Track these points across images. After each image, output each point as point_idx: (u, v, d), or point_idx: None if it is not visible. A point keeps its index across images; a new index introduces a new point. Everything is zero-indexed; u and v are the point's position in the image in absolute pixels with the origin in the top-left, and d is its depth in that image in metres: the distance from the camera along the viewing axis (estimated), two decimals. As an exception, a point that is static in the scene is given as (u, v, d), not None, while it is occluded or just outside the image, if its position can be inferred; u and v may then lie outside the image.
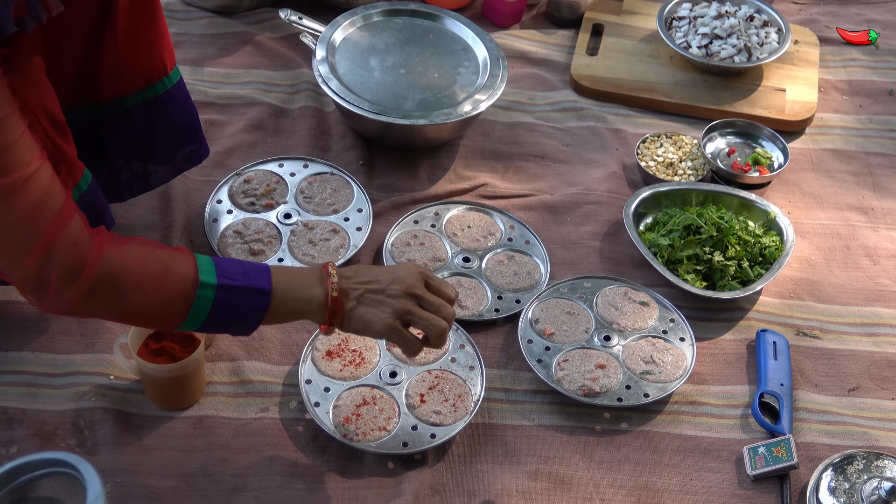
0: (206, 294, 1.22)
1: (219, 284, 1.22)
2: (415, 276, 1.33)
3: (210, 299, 1.22)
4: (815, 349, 1.63)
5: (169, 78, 1.54)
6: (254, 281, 1.25)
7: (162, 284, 1.21)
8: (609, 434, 1.49)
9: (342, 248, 1.67)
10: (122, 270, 1.18)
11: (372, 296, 1.30)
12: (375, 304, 1.30)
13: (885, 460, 1.43)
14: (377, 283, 1.31)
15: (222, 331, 1.30)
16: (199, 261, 1.23)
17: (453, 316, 1.34)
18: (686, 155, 1.89)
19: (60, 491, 1.14)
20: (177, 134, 1.59)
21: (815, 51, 2.17)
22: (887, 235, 1.83)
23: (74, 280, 1.15)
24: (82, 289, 1.16)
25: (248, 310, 1.25)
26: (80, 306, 1.18)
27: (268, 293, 1.25)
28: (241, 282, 1.24)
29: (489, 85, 1.86)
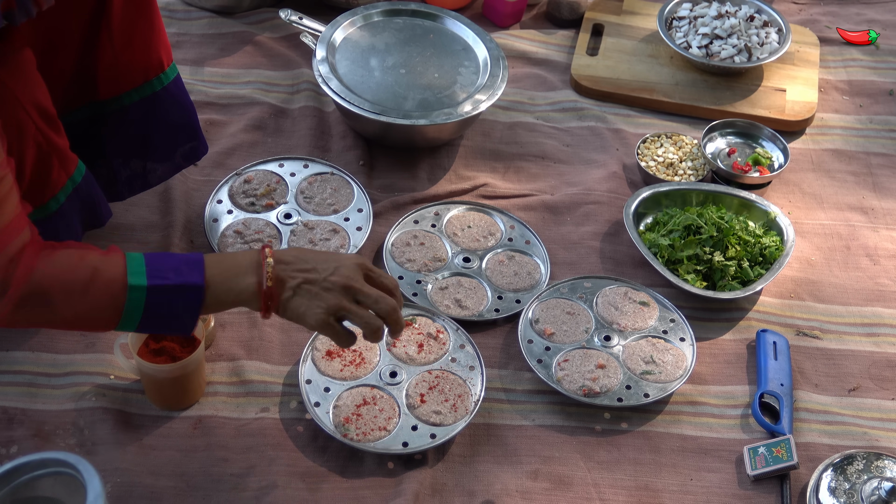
0: (137, 296, 1.20)
1: (149, 286, 1.20)
2: (353, 268, 1.29)
3: (141, 300, 1.20)
4: (816, 349, 1.62)
5: (166, 75, 1.53)
6: (186, 277, 1.22)
7: (90, 291, 1.19)
8: (609, 434, 1.48)
9: (342, 248, 1.67)
10: (48, 283, 1.18)
11: (308, 286, 1.26)
12: (311, 296, 1.26)
13: (885, 460, 1.43)
14: (315, 273, 1.27)
15: (161, 330, 1.30)
16: (129, 261, 1.21)
17: (393, 307, 1.30)
18: (686, 155, 1.89)
19: (60, 491, 1.14)
20: (175, 131, 1.59)
21: (815, 51, 2.17)
22: (887, 235, 1.83)
23: (3, 295, 1.16)
24: (11, 303, 1.16)
25: (182, 306, 1.23)
26: (13, 318, 1.19)
27: (201, 288, 1.22)
28: (172, 280, 1.21)
29: (489, 85, 1.86)
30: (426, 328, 1.56)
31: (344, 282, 1.27)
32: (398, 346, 1.53)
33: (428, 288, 1.63)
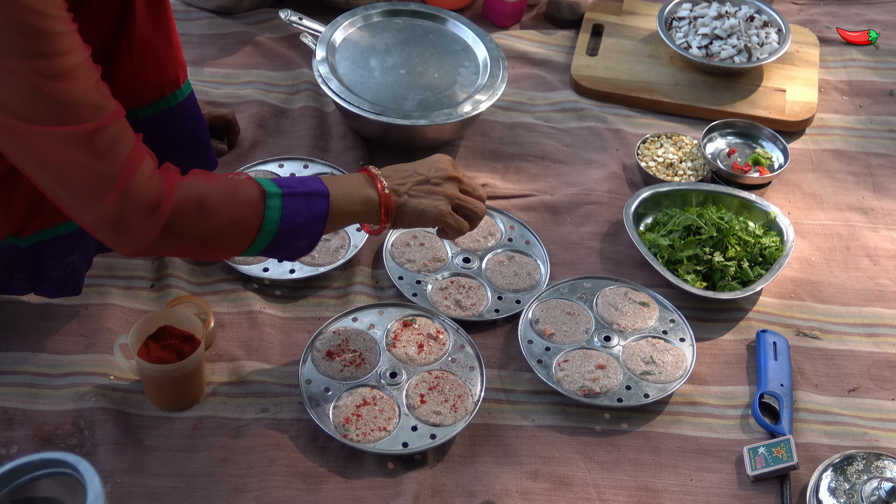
0: (275, 203, 1.26)
1: (283, 192, 1.27)
2: (447, 162, 1.43)
3: (278, 209, 1.26)
4: (815, 349, 1.62)
5: (181, 91, 1.56)
6: (312, 187, 1.30)
7: (234, 201, 1.24)
8: (609, 434, 1.48)
9: (342, 248, 1.67)
10: (196, 193, 1.22)
11: (420, 187, 1.39)
12: (425, 194, 1.39)
13: (885, 461, 1.43)
14: (419, 175, 1.40)
15: (285, 250, 1.31)
16: (258, 180, 1.28)
17: (485, 196, 1.47)
18: (686, 155, 1.90)
19: (60, 491, 1.14)
20: (185, 146, 1.60)
21: (815, 51, 2.17)
22: (887, 236, 1.83)
23: (155, 212, 1.18)
24: (163, 220, 1.18)
25: (312, 215, 1.29)
26: (161, 240, 1.20)
27: (327, 195, 1.30)
28: (300, 189, 1.29)
29: (489, 85, 1.86)
30: (426, 328, 1.56)
31: (449, 174, 1.42)
32: (398, 346, 1.53)
33: (428, 288, 1.63)
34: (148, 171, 1.19)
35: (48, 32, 1.07)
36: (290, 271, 1.63)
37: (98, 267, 1.59)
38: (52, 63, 1.08)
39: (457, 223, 1.42)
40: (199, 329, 1.42)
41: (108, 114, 1.15)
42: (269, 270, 1.63)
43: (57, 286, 1.45)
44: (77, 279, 1.47)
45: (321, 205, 1.30)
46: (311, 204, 1.29)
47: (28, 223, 1.36)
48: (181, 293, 1.59)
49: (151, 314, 1.43)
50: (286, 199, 1.27)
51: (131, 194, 1.16)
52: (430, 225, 1.41)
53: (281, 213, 1.26)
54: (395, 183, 1.38)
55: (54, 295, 1.46)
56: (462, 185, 1.44)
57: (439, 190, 1.40)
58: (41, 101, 1.09)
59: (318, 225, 1.30)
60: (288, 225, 1.27)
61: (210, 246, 1.28)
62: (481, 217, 1.45)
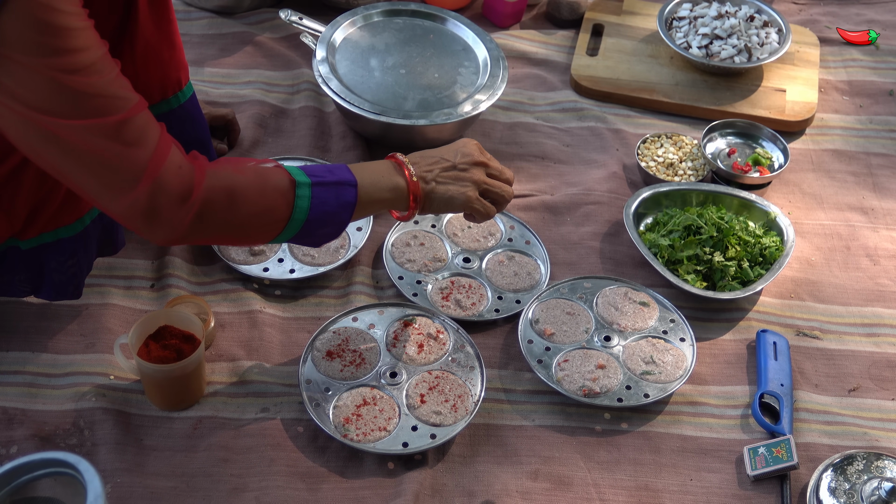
0: (304, 193, 1.27)
1: (312, 182, 1.28)
2: (474, 147, 1.44)
3: (308, 198, 1.27)
4: (816, 349, 1.62)
5: (183, 93, 1.56)
6: (340, 176, 1.31)
7: (264, 190, 1.25)
8: (609, 434, 1.48)
9: (342, 248, 1.67)
10: (227, 183, 1.22)
11: (447, 174, 1.40)
12: (453, 180, 1.40)
13: (885, 461, 1.43)
14: (446, 161, 1.41)
15: (311, 238, 1.32)
16: (287, 168, 1.29)
17: (512, 179, 1.47)
18: (686, 155, 1.89)
19: (60, 491, 1.14)
20: (186, 147, 1.60)
21: (815, 51, 2.17)
22: (887, 236, 1.83)
23: (186, 201, 1.19)
24: (195, 209, 1.19)
25: (340, 205, 1.30)
26: (193, 229, 1.21)
27: (355, 185, 1.32)
28: (329, 178, 1.30)
29: (489, 85, 1.86)
30: (426, 328, 1.56)
31: (475, 159, 1.43)
32: (398, 346, 1.53)
33: (428, 288, 1.63)
34: (178, 160, 1.19)
35: (66, 28, 1.08)
36: (290, 271, 1.63)
37: (98, 267, 1.59)
38: (72, 59, 1.09)
39: (484, 208, 1.43)
40: (199, 329, 1.42)
41: (132, 105, 1.16)
42: (269, 270, 1.63)
43: (57, 289, 1.45)
44: (77, 283, 1.47)
45: (349, 194, 1.31)
46: (340, 193, 1.30)
47: (29, 226, 1.36)
48: (181, 293, 1.59)
49: (151, 314, 1.43)
50: (315, 188, 1.28)
51: (162, 183, 1.17)
52: (457, 211, 1.43)
53: (310, 203, 1.28)
54: (423, 170, 1.40)
55: (54, 298, 1.46)
56: (489, 168, 1.44)
57: (466, 176, 1.41)
58: (66, 96, 1.10)
59: (346, 214, 1.32)
60: (316, 214, 1.29)
61: (240, 234, 1.30)
62: (509, 200, 1.46)
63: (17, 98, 1.09)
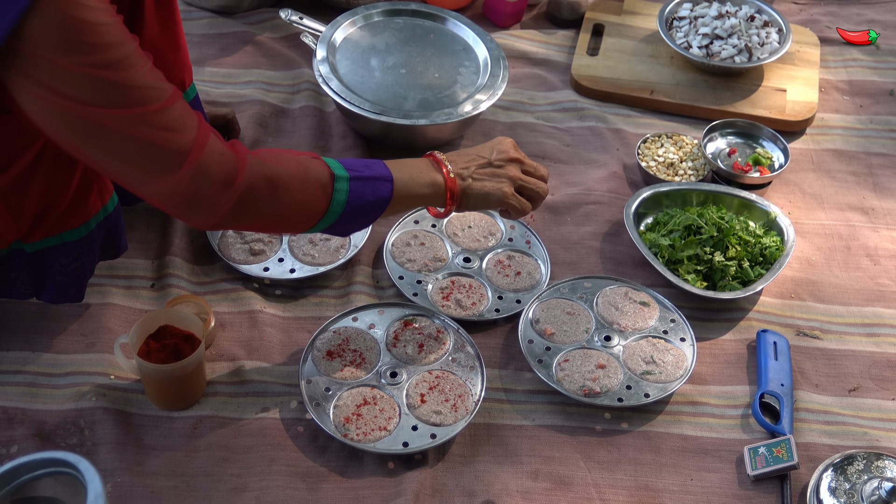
0: (342, 187, 1.29)
1: (350, 176, 1.30)
2: (509, 144, 1.47)
3: (345, 192, 1.29)
4: (816, 349, 1.62)
5: (186, 94, 1.57)
6: (377, 171, 1.33)
7: (305, 181, 1.27)
8: (609, 434, 1.48)
9: (342, 248, 1.67)
10: (270, 171, 1.24)
11: (483, 170, 1.43)
12: (489, 177, 1.43)
13: (885, 460, 1.43)
14: (482, 158, 1.44)
15: (347, 229, 1.34)
16: (327, 161, 1.30)
17: (547, 176, 1.50)
18: (687, 155, 1.89)
19: (60, 491, 1.14)
20: None
21: (815, 51, 2.17)
22: (888, 236, 1.83)
23: (229, 187, 1.20)
24: (237, 195, 1.20)
25: (376, 200, 1.32)
26: (233, 215, 1.22)
27: (391, 180, 1.34)
28: (367, 173, 1.32)
29: (490, 85, 1.86)
30: (426, 328, 1.56)
31: (510, 156, 1.45)
32: (398, 346, 1.53)
33: (428, 288, 1.63)
34: (219, 147, 1.20)
35: (96, 24, 1.09)
36: (290, 271, 1.63)
37: (98, 267, 1.59)
38: (106, 55, 1.10)
39: (520, 204, 1.45)
40: (200, 329, 1.42)
41: (169, 94, 1.17)
42: (269, 270, 1.63)
43: (59, 292, 1.45)
44: (80, 286, 1.47)
45: (386, 189, 1.33)
46: (377, 188, 1.32)
47: (35, 229, 1.36)
48: (181, 293, 1.59)
49: (152, 314, 1.43)
50: (353, 182, 1.30)
51: (204, 169, 1.18)
52: (494, 207, 1.45)
53: (347, 197, 1.29)
54: (460, 167, 1.42)
55: (56, 301, 1.46)
56: (524, 165, 1.46)
57: (502, 172, 1.43)
58: (105, 89, 1.11)
59: (380, 208, 1.34)
60: (352, 208, 1.31)
61: (277, 223, 1.31)
62: (544, 196, 1.48)
63: (57, 92, 1.10)
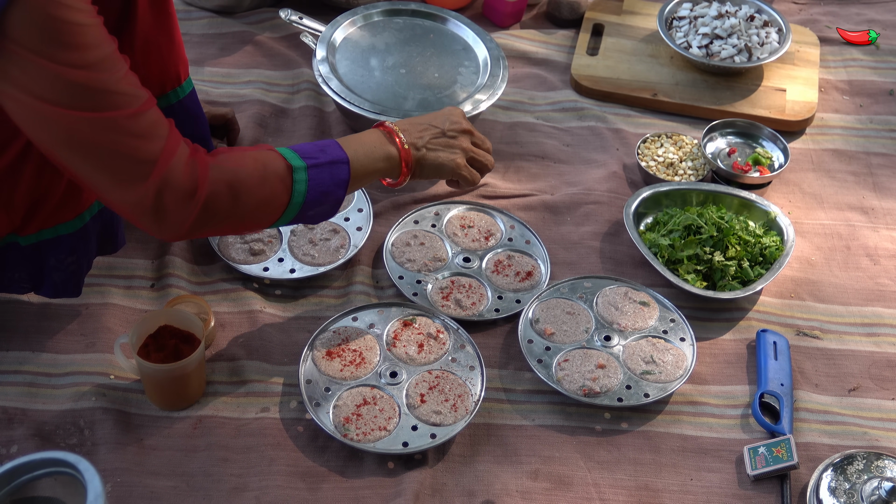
0: (301, 177, 1.30)
1: (308, 165, 1.31)
2: (460, 114, 1.49)
3: (305, 181, 1.30)
4: (816, 349, 1.62)
5: (182, 88, 1.56)
6: (333, 155, 1.34)
7: (264, 178, 1.27)
8: (609, 434, 1.48)
9: (342, 248, 1.67)
10: (230, 175, 1.24)
11: (437, 140, 1.45)
12: (443, 147, 1.45)
13: (885, 460, 1.43)
14: (435, 128, 1.46)
15: (318, 209, 1.34)
16: (282, 152, 1.31)
17: (492, 149, 1.54)
18: (686, 155, 1.89)
19: (60, 491, 1.14)
20: None
21: (815, 51, 2.17)
22: (888, 235, 1.83)
23: (192, 198, 1.20)
24: (200, 205, 1.21)
25: (335, 183, 1.33)
26: (198, 224, 1.23)
27: (347, 162, 1.34)
28: (323, 158, 1.32)
29: (489, 85, 1.86)
30: (426, 328, 1.56)
31: (463, 127, 1.48)
32: (398, 346, 1.53)
33: (428, 288, 1.63)
34: (185, 157, 1.21)
35: (76, 24, 1.09)
36: (290, 271, 1.63)
37: (98, 267, 1.59)
38: (81, 55, 1.10)
39: (471, 175, 1.48)
40: (199, 329, 1.42)
41: (143, 101, 1.17)
42: (269, 270, 1.63)
43: (57, 287, 1.45)
44: (77, 280, 1.47)
45: (343, 171, 1.34)
46: (334, 172, 1.33)
47: (29, 222, 1.36)
48: (181, 293, 1.59)
49: (151, 314, 1.43)
50: (311, 170, 1.31)
51: (170, 178, 1.18)
52: (446, 177, 1.48)
53: (307, 186, 1.30)
54: (414, 137, 1.43)
55: (54, 295, 1.46)
56: (474, 137, 1.50)
57: (455, 143, 1.46)
58: (75, 91, 1.11)
59: (341, 191, 1.34)
60: (314, 195, 1.31)
61: (242, 224, 1.31)
62: (490, 169, 1.52)
63: (29, 91, 1.10)
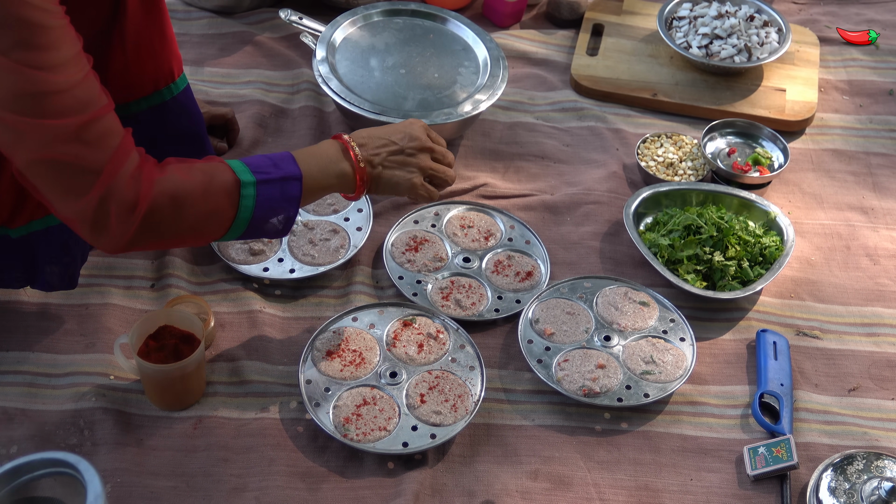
0: (249, 192, 1.27)
1: (257, 180, 1.28)
2: (421, 129, 1.45)
3: (253, 197, 1.27)
4: (816, 349, 1.63)
5: (176, 85, 1.55)
6: (285, 170, 1.31)
7: (209, 192, 1.25)
8: (609, 434, 1.49)
9: (342, 248, 1.67)
10: (173, 188, 1.22)
11: (394, 158, 1.41)
12: (399, 165, 1.42)
13: (885, 460, 1.43)
14: (393, 144, 1.42)
15: (260, 232, 1.32)
16: (232, 165, 1.29)
17: (454, 162, 1.50)
18: (686, 155, 1.90)
19: (60, 491, 1.14)
20: (182, 140, 1.60)
21: (815, 51, 2.17)
22: (887, 235, 1.83)
23: (133, 211, 1.19)
24: (140, 217, 1.19)
25: (285, 199, 1.31)
26: (138, 237, 1.21)
27: (300, 178, 1.32)
28: (275, 174, 1.30)
29: (489, 85, 1.86)
30: (426, 328, 1.56)
31: (422, 144, 1.44)
32: (398, 346, 1.53)
33: (428, 288, 1.63)
34: (131, 169, 1.19)
35: (41, 25, 1.08)
36: (290, 271, 1.63)
37: (98, 267, 1.59)
38: (42, 56, 1.09)
39: (428, 193, 1.46)
40: (199, 329, 1.42)
41: (98, 108, 1.16)
42: (269, 270, 1.63)
43: (51, 279, 1.45)
44: (72, 273, 1.47)
45: (294, 188, 1.31)
46: (285, 188, 1.31)
47: (17, 214, 1.35)
48: (181, 293, 1.59)
49: (151, 314, 1.43)
50: (260, 186, 1.28)
51: (114, 191, 1.17)
52: (402, 195, 1.45)
53: (255, 202, 1.28)
54: (370, 152, 1.40)
55: (49, 288, 1.46)
56: (434, 153, 1.46)
57: (413, 161, 1.43)
58: (31, 93, 1.10)
59: (293, 208, 1.32)
60: (262, 211, 1.29)
61: (186, 238, 1.30)
62: (451, 183, 1.49)
63: None
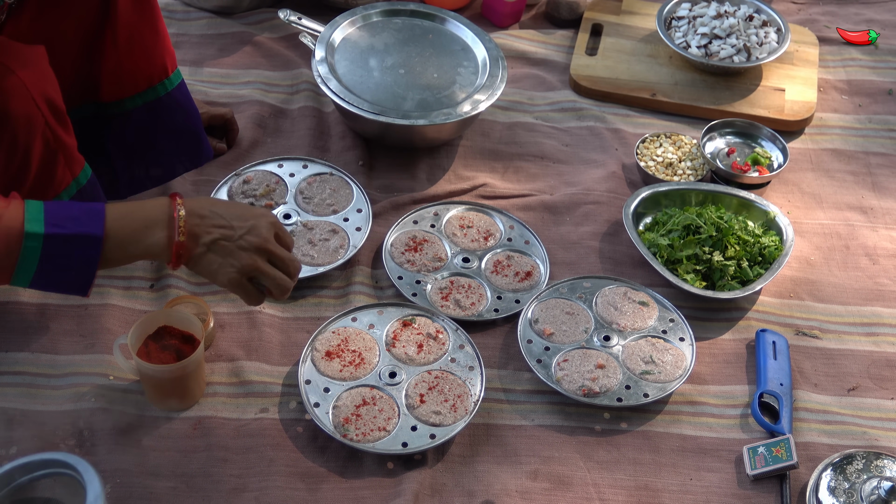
0: (33, 245, 1.15)
1: (46, 234, 1.16)
2: (267, 227, 1.29)
3: (37, 250, 1.16)
4: (815, 349, 1.63)
5: (170, 80, 1.55)
6: (84, 227, 1.18)
7: None
8: (609, 434, 1.49)
9: (342, 248, 1.67)
10: None
11: (224, 243, 1.26)
12: (225, 253, 1.26)
13: (884, 460, 1.43)
14: (230, 230, 1.26)
15: (54, 286, 1.22)
16: (28, 209, 1.17)
17: (299, 269, 1.33)
18: (685, 155, 1.90)
19: (60, 491, 1.14)
20: (178, 136, 1.60)
21: (814, 50, 2.17)
22: (886, 235, 1.83)
23: None
24: None
25: (78, 259, 1.18)
26: None
27: (99, 240, 1.18)
28: (70, 229, 1.17)
29: (488, 85, 1.86)
30: (426, 328, 1.56)
31: (260, 243, 1.27)
32: (398, 346, 1.53)
33: (427, 288, 1.63)
34: None
35: None
36: (289, 271, 1.63)
37: (97, 267, 1.59)
38: None
39: (247, 295, 1.29)
40: (199, 329, 1.42)
41: None
42: (268, 270, 1.63)
43: None
44: None
45: (91, 250, 1.18)
46: (79, 249, 1.18)
47: None
48: (181, 293, 1.59)
49: (151, 314, 1.43)
50: (48, 241, 1.16)
51: None
52: (220, 286, 1.30)
53: (39, 257, 1.16)
54: (202, 227, 1.25)
55: None
56: (272, 256, 1.29)
57: (240, 257, 1.26)
58: None
59: (84, 271, 1.20)
60: (46, 270, 1.17)
61: None
62: (286, 292, 1.31)
63: None
